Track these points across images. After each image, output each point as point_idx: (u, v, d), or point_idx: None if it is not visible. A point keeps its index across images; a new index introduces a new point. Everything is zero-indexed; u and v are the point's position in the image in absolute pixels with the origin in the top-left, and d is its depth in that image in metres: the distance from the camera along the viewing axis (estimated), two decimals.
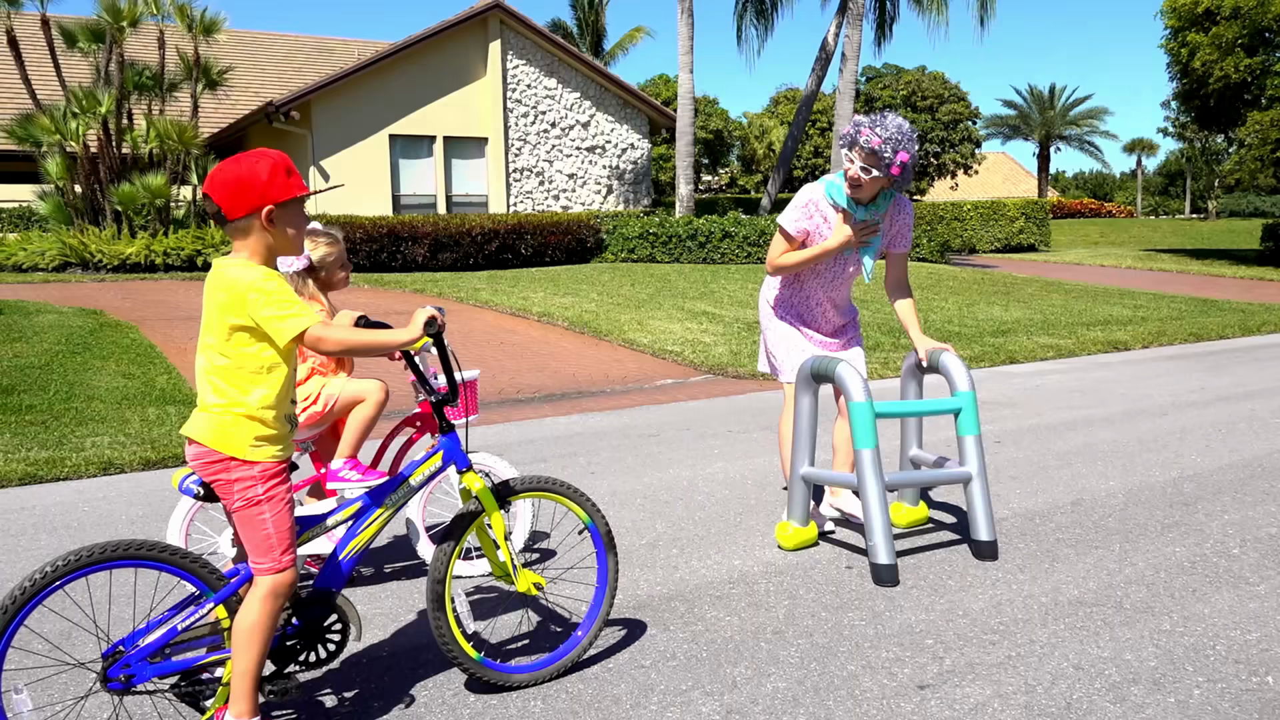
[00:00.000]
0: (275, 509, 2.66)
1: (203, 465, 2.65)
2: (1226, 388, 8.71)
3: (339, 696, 3.15)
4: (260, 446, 2.65)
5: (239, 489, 2.63)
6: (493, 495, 3.09)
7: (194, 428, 2.66)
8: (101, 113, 16.95)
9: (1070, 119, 56.78)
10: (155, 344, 10.10)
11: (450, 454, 3.08)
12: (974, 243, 28.01)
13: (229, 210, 2.59)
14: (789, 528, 4.47)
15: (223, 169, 2.60)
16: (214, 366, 2.64)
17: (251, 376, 2.63)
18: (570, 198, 24.76)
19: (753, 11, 26.77)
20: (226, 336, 2.60)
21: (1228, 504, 5.13)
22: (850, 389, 4.18)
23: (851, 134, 4.27)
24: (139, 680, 2.63)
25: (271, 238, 2.64)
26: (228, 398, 2.62)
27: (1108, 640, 3.47)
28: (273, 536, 2.65)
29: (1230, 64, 22.45)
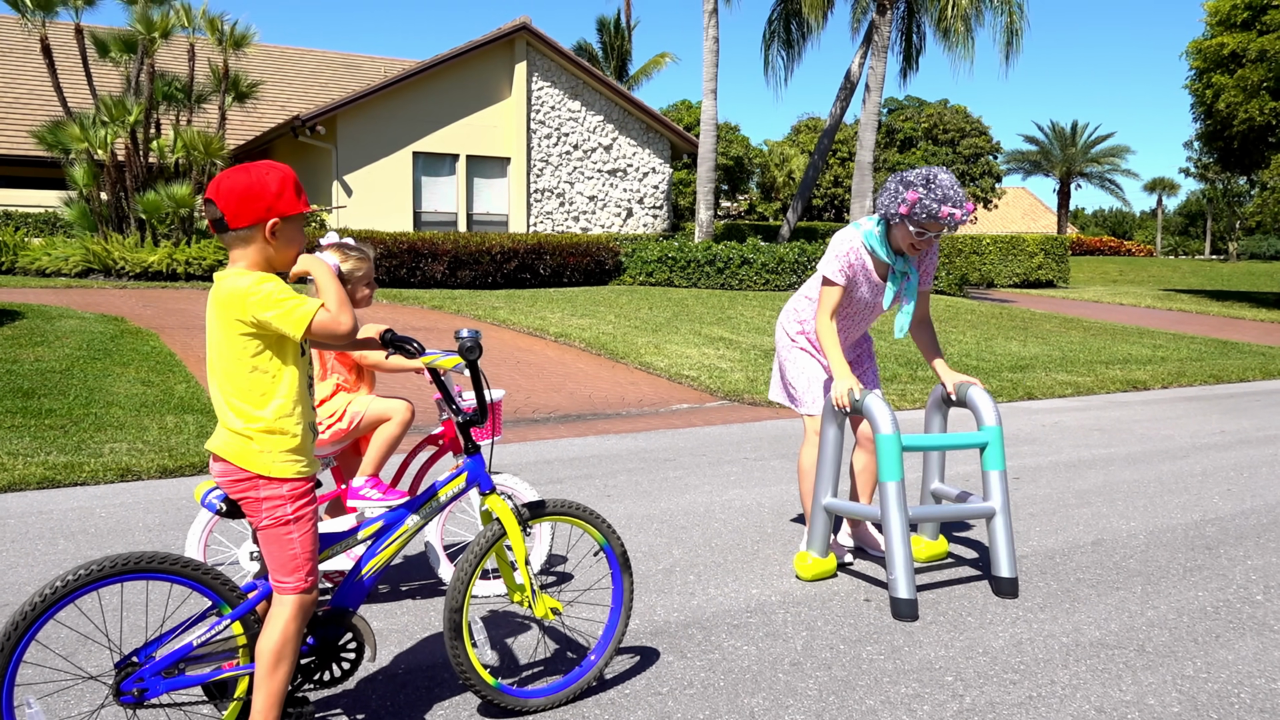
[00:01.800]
0: (303, 529, 2.65)
1: (230, 483, 2.63)
2: (1247, 431, 8.64)
3: (352, 717, 3.13)
4: (287, 462, 2.62)
5: (267, 508, 2.61)
6: (515, 518, 3.07)
7: (219, 445, 2.63)
8: (130, 122, 17.12)
9: (1091, 156, 56.74)
10: (175, 352, 10.15)
11: (474, 475, 3.07)
12: (992, 277, 27.95)
13: (233, 218, 2.54)
14: (808, 558, 4.43)
15: (231, 176, 2.55)
16: (227, 384, 2.60)
17: (265, 388, 2.59)
18: (590, 220, 24.86)
19: (780, 40, 26.91)
20: (235, 350, 2.56)
21: (1250, 549, 5.07)
22: (879, 421, 4.12)
23: (925, 209, 4.16)
24: (152, 694, 2.60)
25: (271, 250, 2.60)
26: (246, 416, 2.59)
27: (1130, 684, 3.42)
28: (299, 556, 2.64)
29: (1255, 106, 22.42)
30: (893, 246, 4.43)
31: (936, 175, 4.19)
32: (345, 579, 2.93)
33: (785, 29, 26.73)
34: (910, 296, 4.50)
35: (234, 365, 2.58)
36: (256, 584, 2.75)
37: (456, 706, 3.18)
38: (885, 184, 4.33)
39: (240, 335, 2.55)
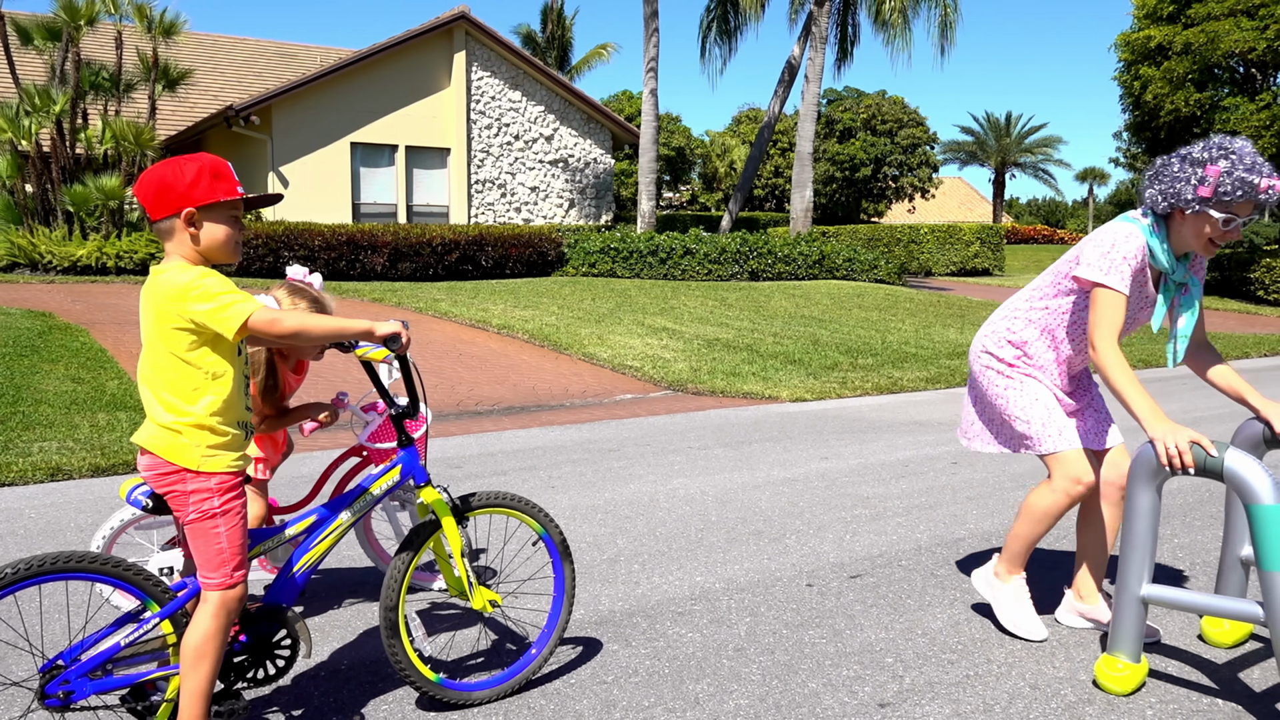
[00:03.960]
0: (230, 523, 2.59)
1: (156, 477, 2.58)
2: (1175, 413, 8.89)
3: (290, 714, 3.10)
4: (213, 456, 2.57)
5: (194, 501, 2.56)
6: (450, 511, 3.04)
7: (145, 437, 2.58)
8: (55, 112, 16.64)
9: (1025, 146, 57.88)
10: (106, 348, 9.91)
11: (409, 468, 3.03)
12: (930, 266, 28.40)
13: (151, 210, 2.56)
14: (1118, 664, 3.28)
15: (151, 169, 2.57)
16: (157, 378, 2.55)
17: (198, 384, 2.55)
18: (532, 210, 24.74)
19: (717, 30, 27.00)
20: (169, 344, 2.52)
21: (1178, 527, 5.23)
22: (1257, 489, 2.95)
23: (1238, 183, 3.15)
24: (79, 697, 2.54)
25: (195, 241, 2.57)
26: (175, 410, 2.54)
27: (1063, 660, 3.51)
28: (225, 551, 2.58)
29: (1181, 98, 23.04)
30: (1174, 247, 3.40)
31: (1232, 142, 3.20)
32: (278, 576, 2.88)
33: (723, 18, 26.84)
34: (1188, 310, 3.47)
35: (167, 359, 2.54)
36: (186, 582, 2.69)
37: (400, 701, 3.16)
38: (1157, 170, 3.36)
39: (175, 330, 2.51)
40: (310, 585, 4.21)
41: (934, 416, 8.61)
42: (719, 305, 15.91)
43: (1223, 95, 23.77)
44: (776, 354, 11.81)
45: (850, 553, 4.75)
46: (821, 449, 7.18)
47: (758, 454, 6.97)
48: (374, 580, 4.29)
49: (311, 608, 3.95)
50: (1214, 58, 22.15)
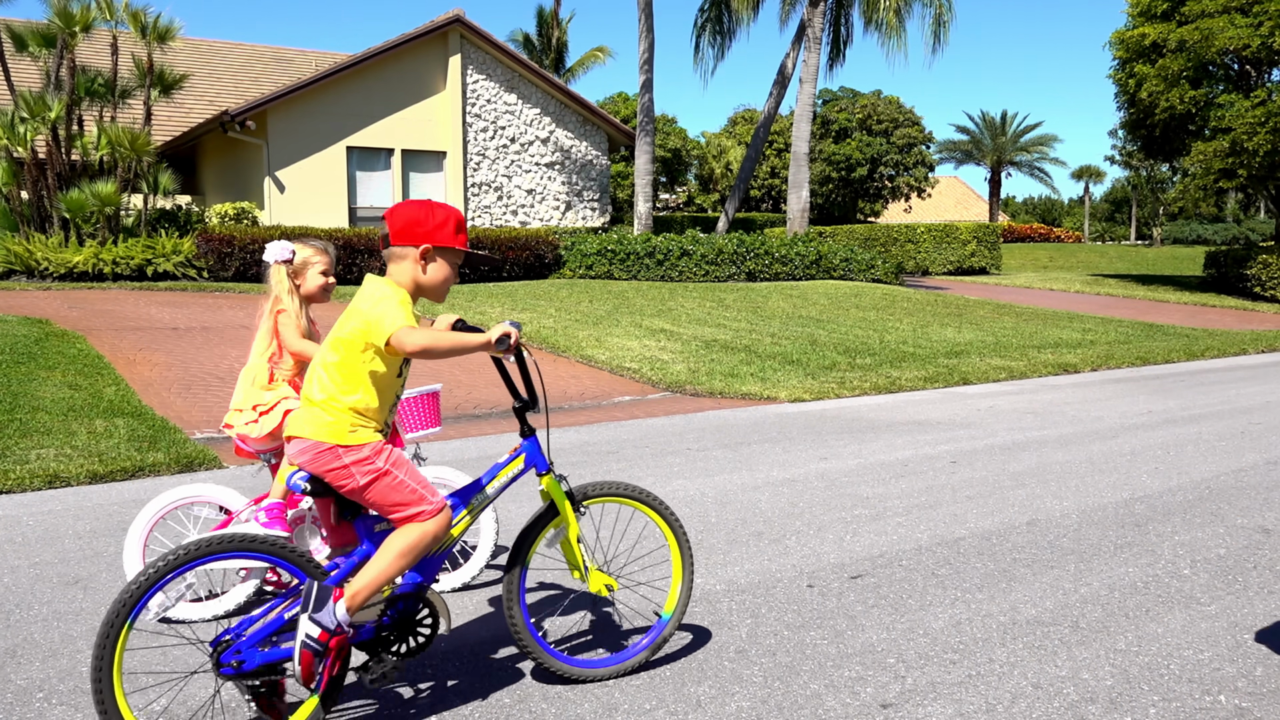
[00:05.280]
0: (401, 469, 2.90)
1: (312, 459, 2.85)
2: (1173, 410, 8.90)
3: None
4: (358, 431, 2.87)
5: (359, 470, 2.85)
6: (567, 499, 3.24)
7: (296, 425, 2.90)
8: (51, 118, 16.60)
9: (1021, 145, 57.93)
10: (103, 355, 9.89)
11: (531, 457, 3.23)
12: (927, 265, 28.40)
13: (394, 236, 2.96)
14: None
15: (408, 203, 3.00)
16: (327, 361, 2.90)
17: (358, 379, 2.88)
18: (529, 213, 24.72)
19: (711, 30, 27.00)
20: (347, 337, 2.88)
21: (1178, 525, 5.22)
22: None
23: None
24: (249, 665, 2.76)
25: (421, 273, 2.96)
26: (329, 393, 2.88)
27: (1065, 660, 3.51)
28: (413, 488, 2.90)
29: (1176, 95, 23.05)
30: None
31: None
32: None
33: (717, 19, 26.83)
34: None
35: (344, 350, 2.88)
36: (338, 562, 2.93)
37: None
38: None
39: (356, 330, 2.87)
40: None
41: (933, 416, 8.61)
42: (716, 306, 15.91)
43: (1217, 92, 23.78)
44: (774, 354, 11.80)
45: (851, 553, 4.74)
46: (820, 449, 7.17)
47: (757, 455, 6.96)
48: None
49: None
50: (1208, 55, 22.16)
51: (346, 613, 2.81)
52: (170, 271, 16.40)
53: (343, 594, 2.82)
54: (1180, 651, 3.58)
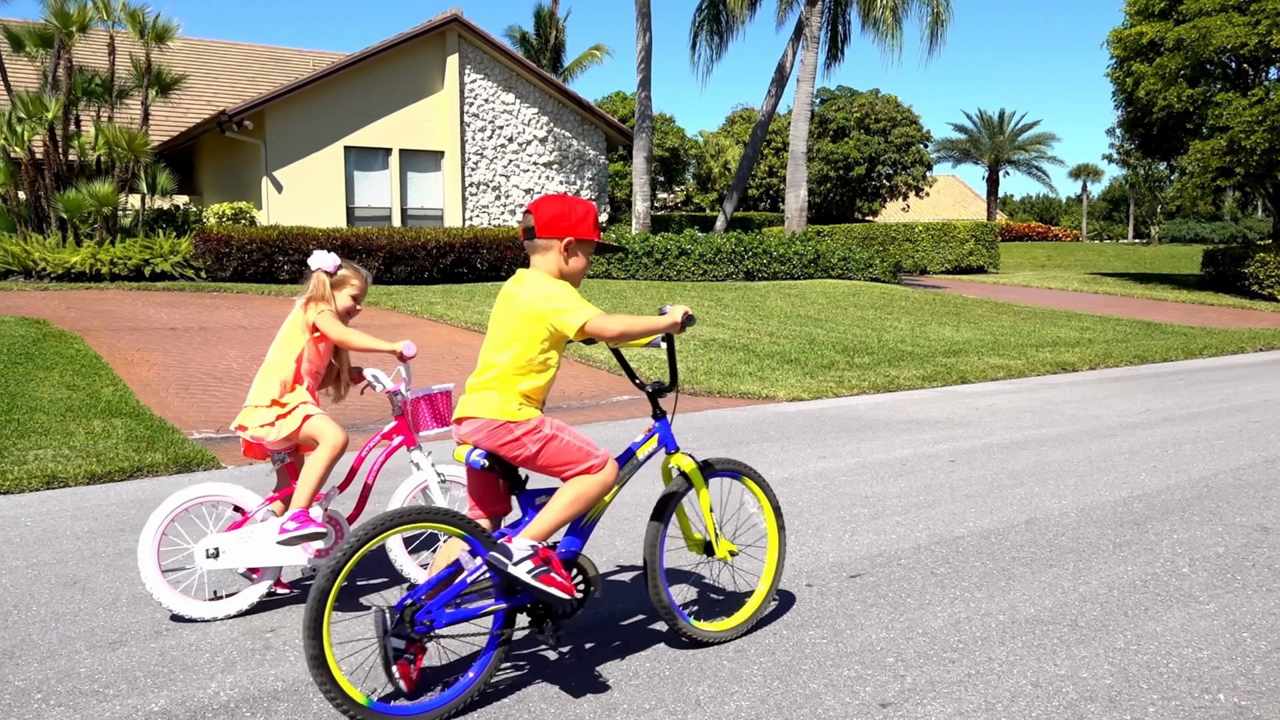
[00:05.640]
0: (565, 434, 3.20)
1: (486, 435, 3.15)
2: (1171, 409, 8.90)
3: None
4: (524, 409, 3.18)
5: (529, 440, 3.16)
6: (700, 474, 3.53)
7: (467, 407, 3.20)
8: (48, 118, 16.59)
9: (1019, 144, 57.93)
10: (101, 355, 9.88)
11: (664, 437, 3.54)
12: (925, 264, 28.41)
13: (540, 230, 3.24)
14: None
15: (551, 198, 3.27)
16: (504, 350, 3.18)
17: (530, 366, 3.18)
18: None
19: (707, 30, 27.00)
20: (518, 331, 3.16)
21: (1176, 524, 5.23)
22: None
23: None
24: (439, 625, 3.06)
25: (564, 263, 3.25)
26: (501, 378, 3.17)
27: (1064, 658, 3.51)
28: (579, 448, 3.20)
29: (1173, 94, 23.06)
30: None
31: None
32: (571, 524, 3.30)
33: (714, 18, 26.83)
34: None
35: (516, 339, 3.16)
36: (505, 532, 3.22)
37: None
38: None
39: (530, 321, 3.15)
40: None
41: (931, 415, 8.62)
42: (715, 305, 15.91)
43: (1215, 91, 23.78)
44: (773, 354, 11.80)
45: (849, 552, 4.74)
46: (819, 448, 7.17)
47: (755, 454, 6.96)
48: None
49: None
50: (1206, 53, 22.17)
51: (530, 539, 3.10)
52: (168, 272, 16.39)
53: (511, 540, 3.11)
54: (1179, 650, 3.58)
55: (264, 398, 3.98)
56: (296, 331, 4.08)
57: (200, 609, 3.87)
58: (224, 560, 3.85)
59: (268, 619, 3.88)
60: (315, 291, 4.10)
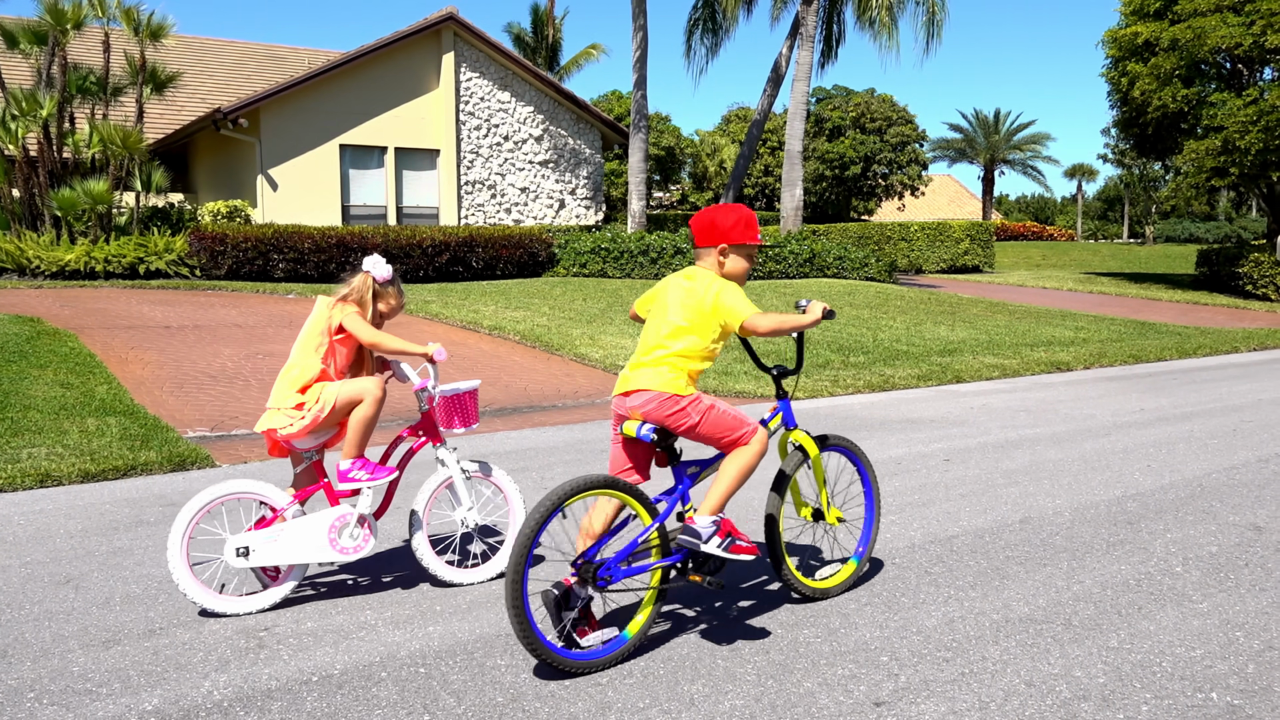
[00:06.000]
0: (722, 405, 3.64)
1: (656, 406, 3.53)
2: (1165, 408, 8.92)
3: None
4: (689, 386, 3.60)
5: (694, 410, 3.56)
6: (816, 447, 3.99)
7: (637, 380, 3.57)
8: (42, 115, 16.56)
9: (1014, 144, 57.98)
10: (95, 353, 9.86)
11: (786, 416, 4.00)
12: (920, 263, 28.44)
13: (697, 240, 3.74)
14: None
15: (706, 210, 3.74)
16: (673, 339, 3.59)
17: (701, 350, 3.61)
18: (522, 211, 24.70)
19: (702, 29, 26.98)
20: (696, 324, 3.60)
21: (1170, 523, 5.24)
22: None
23: None
24: (615, 579, 3.45)
25: (720, 266, 3.72)
26: (672, 358, 3.58)
27: (1058, 657, 3.51)
28: (734, 417, 3.63)
29: (1168, 94, 23.10)
30: None
31: None
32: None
33: (709, 17, 26.82)
34: None
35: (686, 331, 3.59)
36: (662, 498, 3.64)
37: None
38: None
39: (700, 317, 3.60)
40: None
41: (926, 414, 8.62)
42: None
43: (1210, 91, 23.82)
44: (767, 352, 11.81)
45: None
46: None
47: None
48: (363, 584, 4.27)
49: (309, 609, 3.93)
50: (1201, 53, 22.21)
51: (710, 514, 3.53)
52: (162, 270, 16.36)
53: (693, 519, 3.55)
54: (1172, 649, 3.59)
55: (287, 400, 4.00)
56: (321, 333, 4.08)
57: (228, 604, 3.90)
58: (254, 559, 3.88)
59: (262, 618, 3.88)
60: (356, 293, 4.13)
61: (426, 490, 4.25)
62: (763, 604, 4.03)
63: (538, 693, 3.23)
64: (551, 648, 3.29)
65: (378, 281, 4.17)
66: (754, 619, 3.87)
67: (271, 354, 10.47)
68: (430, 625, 3.81)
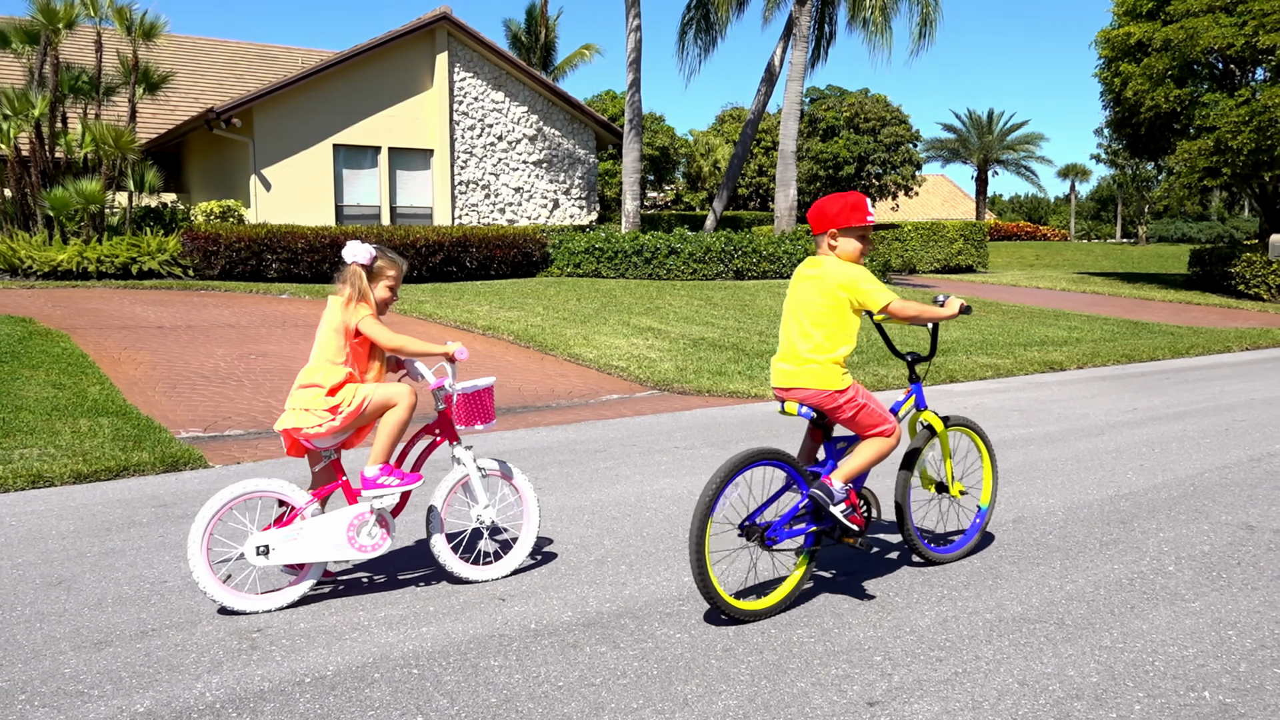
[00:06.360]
0: (871, 400, 4.02)
1: (818, 401, 3.96)
2: (1158, 408, 8.94)
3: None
4: (845, 377, 3.96)
5: (849, 406, 3.97)
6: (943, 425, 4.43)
7: (793, 380, 3.98)
8: (34, 115, 16.50)
9: (1007, 144, 58.10)
10: (87, 353, 9.82)
11: (919, 398, 4.42)
12: (914, 263, 28.47)
13: (814, 228, 4.07)
14: None
15: (819, 201, 4.07)
16: (816, 330, 3.94)
17: (840, 337, 3.96)
18: (516, 211, 24.68)
19: (695, 31, 26.97)
20: (825, 309, 3.93)
21: (1163, 522, 5.25)
22: None
23: None
24: (781, 539, 3.91)
25: (833, 249, 4.03)
26: (820, 350, 3.93)
27: (1050, 656, 3.52)
28: (882, 414, 4.03)
29: (1161, 94, 23.16)
30: None
31: None
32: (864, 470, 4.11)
33: (703, 18, 26.82)
34: None
35: (826, 319, 3.93)
36: (816, 469, 4.08)
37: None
38: None
39: (837, 301, 3.93)
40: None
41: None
42: (704, 304, 15.91)
43: (1202, 91, 23.88)
44: (763, 353, 11.81)
45: (838, 551, 4.74)
46: None
47: None
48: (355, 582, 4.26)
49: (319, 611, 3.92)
50: (1193, 54, 22.26)
51: (842, 481, 3.95)
52: (155, 270, 16.31)
53: (830, 479, 3.95)
54: (1165, 648, 3.60)
55: (318, 403, 3.99)
56: (336, 331, 4.07)
57: (248, 602, 3.92)
58: (274, 557, 3.91)
59: (254, 619, 3.87)
60: (355, 289, 4.07)
61: (444, 488, 4.28)
62: None
63: (531, 694, 3.23)
64: (726, 598, 3.77)
65: (364, 265, 4.11)
66: (748, 620, 3.86)
67: (265, 354, 10.44)
68: (424, 626, 3.80)
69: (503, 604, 4.03)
